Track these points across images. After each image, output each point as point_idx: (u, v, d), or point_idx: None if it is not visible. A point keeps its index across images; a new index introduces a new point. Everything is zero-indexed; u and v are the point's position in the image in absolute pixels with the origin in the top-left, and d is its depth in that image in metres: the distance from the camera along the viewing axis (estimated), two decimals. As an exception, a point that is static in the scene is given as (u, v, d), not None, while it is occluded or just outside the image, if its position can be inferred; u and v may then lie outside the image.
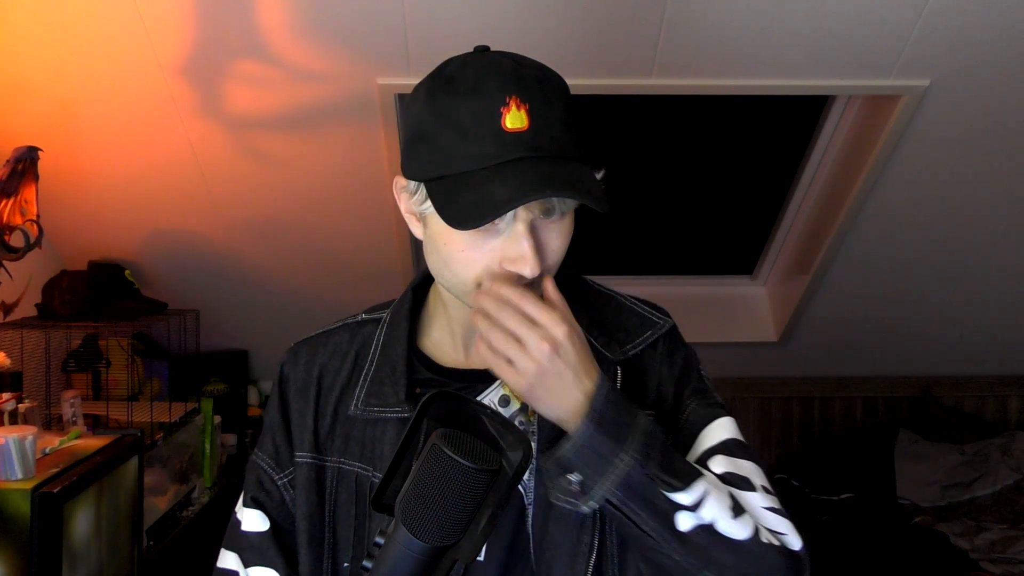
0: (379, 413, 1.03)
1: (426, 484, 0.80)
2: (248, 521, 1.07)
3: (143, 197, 2.66)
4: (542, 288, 0.95)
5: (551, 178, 0.89)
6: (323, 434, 1.06)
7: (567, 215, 0.96)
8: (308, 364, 1.11)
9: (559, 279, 1.03)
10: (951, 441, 3.45)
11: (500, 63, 0.93)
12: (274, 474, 1.08)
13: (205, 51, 2.16)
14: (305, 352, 1.12)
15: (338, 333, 1.13)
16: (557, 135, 0.91)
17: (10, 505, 1.66)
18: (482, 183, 0.88)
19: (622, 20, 2.09)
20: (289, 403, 1.09)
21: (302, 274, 3.02)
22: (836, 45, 2.19)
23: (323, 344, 1.13)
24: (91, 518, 1.83)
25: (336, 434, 1.06)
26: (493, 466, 0.81)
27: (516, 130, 0.89)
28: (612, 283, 1.19)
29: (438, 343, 1.09)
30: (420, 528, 0.80)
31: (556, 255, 0.97)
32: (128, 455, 2.02)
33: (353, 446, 1.04)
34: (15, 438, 1.71)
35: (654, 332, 1.10)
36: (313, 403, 1.08)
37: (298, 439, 1.07)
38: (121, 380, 2.72)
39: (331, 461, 1.05)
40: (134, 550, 2.04)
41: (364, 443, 1.03)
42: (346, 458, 1.04)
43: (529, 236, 0.92)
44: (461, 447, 0.80)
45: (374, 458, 1.02)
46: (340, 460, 1.05)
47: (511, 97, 0.90)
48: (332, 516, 1.04)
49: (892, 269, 3.08)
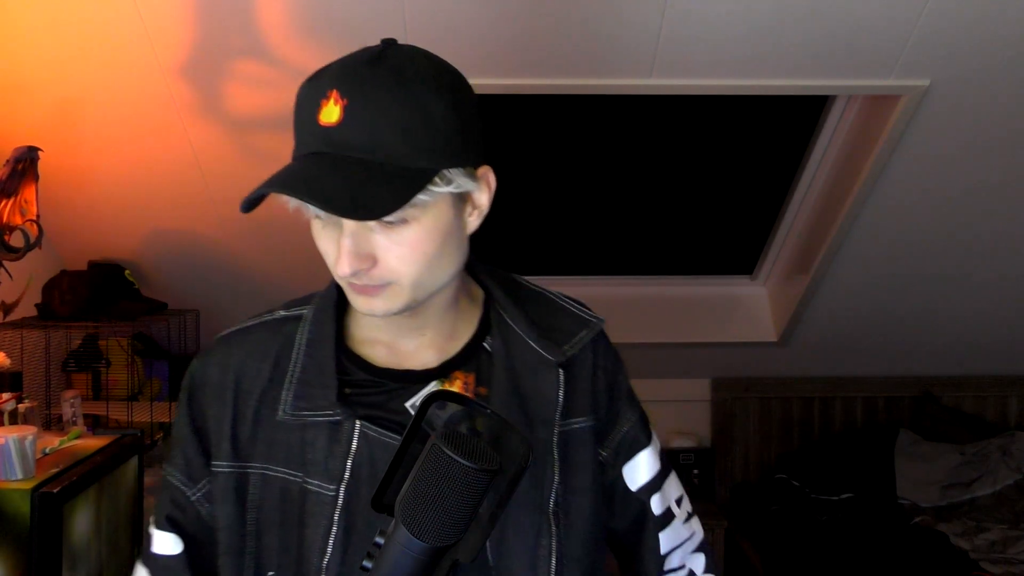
0: (308, 417, 0.97)
1: (426, 484, 0.80)
2: (160, 543, 1.02)
3: (143, 197, 2.66)
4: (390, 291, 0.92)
5: (313, 180, 0.85)
6: (243, 439, 0.99)
7: (408, 224, 0.88)
8: (222, 366, 1.02)
9: (493, 277, 1.03)
10: (951, 441, 3.45)
11: (356, 55, 0.91)
12: (187, 490, 1.01)
13: (205, 51, 2.16)
14: (219, 353, 1.04)
15: (255, 331, 1.05)
16: (376, 136, 0.86)
17: (10, 505, 1.66)
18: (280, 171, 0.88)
19: (622, 20, 2.09)
20: (202, 410, 1.02)
21: (302, 274, 3.01)
22: (836, 45, 2.19)
23: (238, 343, 1.04)
24: (91, 518, 1.83)
25: (259, 439, 0.99)
26: (493, 466, 0.81)
27: (327, 124, 0.87)
28: (612, 283, 1.19)
29: (367, 341, 1.03)
30: (420, 528, 0.80)
31: (397, 263, 0.90)
32: (128, 455, 2.02)
33: (278, 451, 0.98)
34: (15, 438, 1.71)
35: (589, 331, 1.09)
36: (231, 407, 1.00)
37: (215, 447, 1.00)
38: (121, 380, 2.72)
39: (254, 468, 0.99)
40: (134, 550, 2.04)
41: (291, 448, 0.97)
42: (271, 464, 0.98)
43: (348, 237, 0.88)
44: (461, 447, 0.80)
45: (304, 463, 0.97)
46: (265, 466, 0.99)
47: (332, 91, 0.88)
48: (256, 524, 0.99)
49: (892, 269, 3.08)
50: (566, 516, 1.00)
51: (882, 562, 2.84)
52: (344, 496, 0.95)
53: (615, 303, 3.38)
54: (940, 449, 3.39)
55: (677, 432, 3.65)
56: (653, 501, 1.11)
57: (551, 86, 2.28)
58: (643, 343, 3.41)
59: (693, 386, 3.67)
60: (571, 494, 1.01)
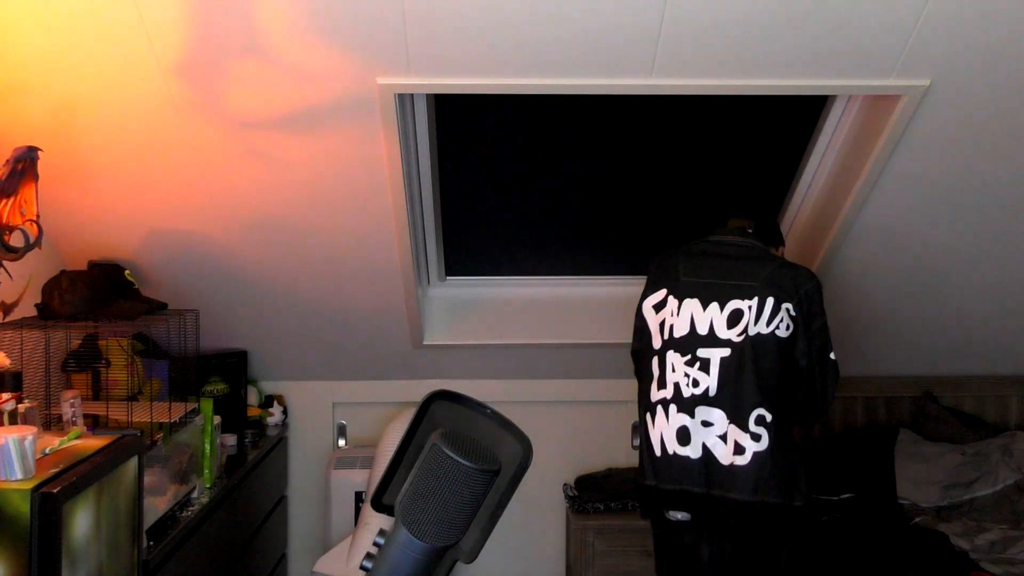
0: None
1: (426, 484, 0.80)
2: None
3: (143, 197, 2.66)
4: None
5: None
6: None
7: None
8: None
9: None
10: (951, 441, 3.45)
11: None
12: None
13: (205, 51, 2.16)
14: None
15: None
16: None
17: (10, 505, 1.66)
18: None
19: (622, 20, 2.09)
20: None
21: (302, 274, 3.02)
22: (836, 45, 2.19)
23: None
24: (91, 518, 1.83)
25: None
26: (493, 466, 0.81)
27: None
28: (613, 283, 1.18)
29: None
30: (420, 528, 0.80)
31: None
32: (128, 455, 2.01)
33: None
34: (15, 438, 1.71)
35: None
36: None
37: None
38: (121, 380, 2.72)
39: None
40: (134, 550, 2.04)
41: None
42: None
43: None
44: (461, 447, 0.80)
45: None
46: None
47: None
48: None
49: (892, 269, 3.08)
50: None
51: (882, 562, 2.84)
52: None
53: (615, 303, 3.38)
54: (940, 449, 3.39)
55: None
56: None
57: (551, 86, 2.28)
58: (643, 343, 3.41)
59: (693, 386, 3.68)
60: None
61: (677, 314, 2.45)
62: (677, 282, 2.48)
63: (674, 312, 2.46)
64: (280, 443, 3.50)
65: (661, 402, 2.44)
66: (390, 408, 3.62)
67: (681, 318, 2.44)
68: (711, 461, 2.36)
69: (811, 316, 2.40)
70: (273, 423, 3.49)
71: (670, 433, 2.41)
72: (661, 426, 2.43)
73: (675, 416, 2.40)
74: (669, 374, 2.44)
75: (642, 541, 3.34)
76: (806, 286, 2.41)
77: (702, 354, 2.39)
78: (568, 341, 3.40)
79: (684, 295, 2.46)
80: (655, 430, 2.45)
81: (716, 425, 2.36)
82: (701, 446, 2.37)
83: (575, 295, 3.43)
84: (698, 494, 2.37)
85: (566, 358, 3.53)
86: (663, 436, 2.42)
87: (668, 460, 2.41)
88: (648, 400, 2.49)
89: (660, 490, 2.43)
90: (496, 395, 3.12)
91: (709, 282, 2.45)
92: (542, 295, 3.44)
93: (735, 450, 2.33)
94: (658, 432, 2.44)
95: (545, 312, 3.42)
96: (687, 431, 2.38)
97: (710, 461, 2.36)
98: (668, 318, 2.47)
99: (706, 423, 2.37)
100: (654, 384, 2.47)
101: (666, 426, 2.41)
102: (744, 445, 2.33)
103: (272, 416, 3.49)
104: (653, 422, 2.46)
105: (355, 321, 3.24)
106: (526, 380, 3.63)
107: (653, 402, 2.46)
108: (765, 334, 2.36)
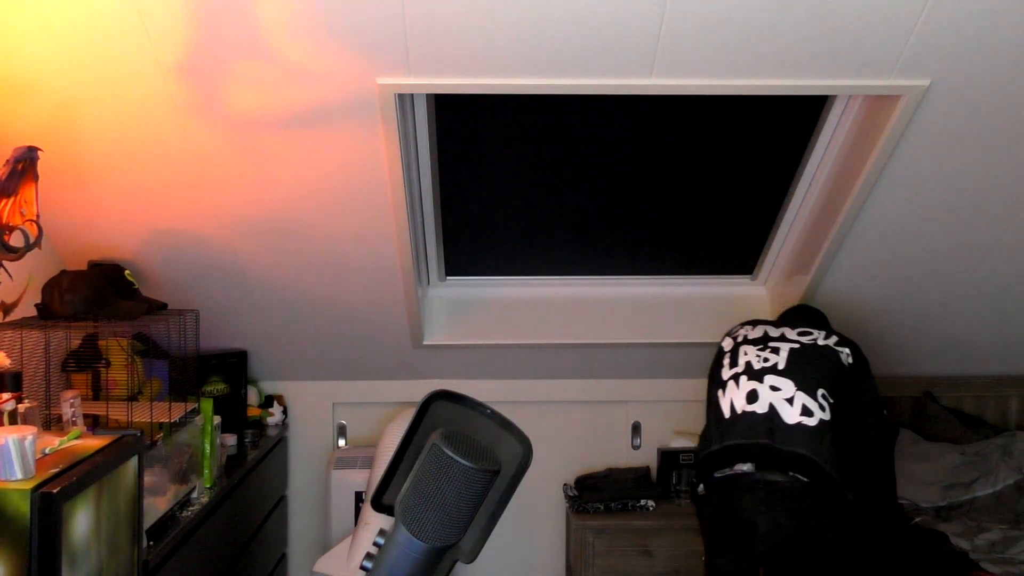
0: None
1: (426, 484, 0.80)
2: None
3: (143, 197, 2.66)
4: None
5: None
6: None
7: None
8: None
9: None
10: (951, 441, 3.45)
11: None
12: None
13: (205, 51, 2.16)
14: None
15: None
16: None
17: (10, 505, 1.66)
18: None
19: (622, 20, 2.09)
20: None
21: (302, 274, 3.02)
22: (836, 45, 2.19)
23: None
24: (91, 518, 1.83)
25: None
26: (493, 466, 0.81)
27: None
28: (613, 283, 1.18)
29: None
30: (420, 528, 0.80)
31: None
32: (128, 455, 2.01)
33: None
34: (15, 438, 1.71)
35: None
36: None
37: None
38: (121, 380, 2.72)
39: None
40: (134, 550, 2.04)
41: None
42: None
43: None
44: (461, 447, 0.80)
45: None
46: None
47: None
48: None
49: (892, 269, 3.08)
50: None
51: (882, 562, 2.84)
52: None
53: (616, 303, 3.38)
54: (940, 449, 3.39)
55: (677, 432, 3.66)
56: None
57: (551, 86, 2.28)
58: (643, 343, 3.41)
59: (693, 386, 3.66)
60: None
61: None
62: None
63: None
64: (280, 443, 3.50)
65: (733, 377, 2.61)
66: (390, 408, 3.62)
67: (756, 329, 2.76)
68: (775, 417, 2.48)
69: (864, 380, 2.67)
70: (273, 423, 3.49)
71: (740, 396, 2.55)
72: (731, 393, 2.58)
73: (745, 383, 2.57)
74: (741, 357, 2.65)
75: (642, 541, 3.34)
76: (860, 354, 2.68)
77: (773, 345, 2.64)
78: (568, 341, 3.40)
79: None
80: (725, 398, 2.59)
81: (784, 390, 2.51)
82: (768, 404, 2.50)
83: (575, 295, 3.43)
84: (763, 445, 2.47)
85: (566, 358, 3.53)
86: (733, 400, 2.57)
87: (736, 419, 2.54)
88: (719, 379, 2.65)
89: (725, 448, 2.53)
90: (496, 395, 3.11)
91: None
92: (542, 295, 3.44)
93: (802, 411, 2.46)
94: (728, 399, 2.58)
95: (545, 312, 3.42)
96: (756, 392, 2.53)
97: (774, 417, 2.48)
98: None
99: (774, 388, 2.52)
100: (726, 364, 2.66)
101: (736, 392, 2.57)
102: (811, 408, 2.46)
103: (272, 416, 3.49)
104: (724, 393, 2.61)
105: (355, 321, 3.24)
106: (526, 380, 3.63)
107: (724, 379, 2.63)
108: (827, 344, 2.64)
